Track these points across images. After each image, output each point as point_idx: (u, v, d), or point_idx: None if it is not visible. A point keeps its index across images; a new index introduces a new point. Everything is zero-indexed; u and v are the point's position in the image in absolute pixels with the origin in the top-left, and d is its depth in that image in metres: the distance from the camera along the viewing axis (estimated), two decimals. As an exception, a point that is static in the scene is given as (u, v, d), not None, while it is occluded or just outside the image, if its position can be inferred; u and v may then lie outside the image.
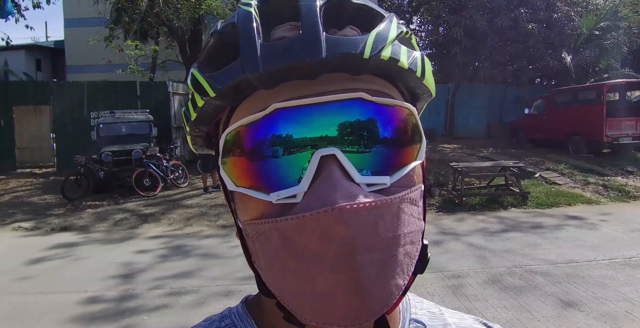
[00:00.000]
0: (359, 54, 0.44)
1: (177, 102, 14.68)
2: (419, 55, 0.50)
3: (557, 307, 4.51)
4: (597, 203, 9.53)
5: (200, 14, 16.23)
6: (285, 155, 0.44)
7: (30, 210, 9.79)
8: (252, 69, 0.44)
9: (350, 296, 0.40)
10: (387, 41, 0.46)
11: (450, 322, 0.62)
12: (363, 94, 0.44)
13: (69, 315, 4.65)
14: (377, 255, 0.41)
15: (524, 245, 6.65)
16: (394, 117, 0.46)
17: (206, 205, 9.80)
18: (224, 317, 0.60)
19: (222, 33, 0.50)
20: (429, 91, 0.54)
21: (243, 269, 5.93)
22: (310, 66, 0.43)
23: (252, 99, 0.47)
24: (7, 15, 14.73)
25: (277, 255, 0.44)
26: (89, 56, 22.65)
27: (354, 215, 0.40)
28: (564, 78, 17.60)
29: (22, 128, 14.34)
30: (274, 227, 0.43)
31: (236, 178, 0.47)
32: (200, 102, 0.49)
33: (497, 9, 16.43)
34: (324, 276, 0.41)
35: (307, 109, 0.44)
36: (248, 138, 0.45)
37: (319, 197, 0.41)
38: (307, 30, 0.44)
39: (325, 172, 0.43)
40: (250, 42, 0.45)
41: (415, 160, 0.48)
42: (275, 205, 0.44)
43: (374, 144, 0.45)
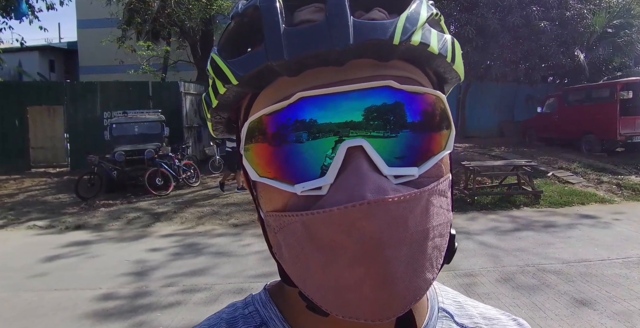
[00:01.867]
0: (388, 40, 0.42)
1: (189, 102, 14.77)
2: (450, 38, 0.48)
3: (570, 306, 4.48)
4: (611, 202, 9.43)
5: (212, 14, 16.34)
6: (309, 145, 0.43)
7: (44, 209, 9.90)
8: (276, 57, 0.42)
9: (377, 290, 0.40)
10: (418, 24, 0.44)
11: (475, 313, 0.62)
12: (392, 82, 0.43)
13: (83, 312, 4.71)
14: (405, 250, 0.40)
15: (536, 244, 6.61)
16: (423, 105, 0.44)
17: (218, 204, 9.85)
18: (247, 303, 0.59)
19: (243, 16, 0.48)
20: (458, 75, 0.52)
21: (255, 267, 5.96)
22: (337, 53, 0.41)
23: (275, 86, 0.45)
24: (22, 17, 14.95)
25: (301, 248, 0.43)
26: (102, 56, 22.86)
27: (383, 210, 0.39)
28: (577, 76, 17.44)
29: (36, 128, 14.54)
30: (299, 220, 0.42)
31: (259, 167, 0.46)
32: (222, 90, 0.47)
33: (509, 7, 16.30)
34: (350, 270, 0.40)
35: (334, 97, 0.42)
36: (271, 126, 0.44)
37: (347, 190, 0.40)
38: (333, 15, 0.42)
39: (352, 164, 0.41)
40: (274, 28, 0.43)
41: (443, 150, 0.46)
42: (300, 197, 0.43)
43: (401, 133, 0.43)
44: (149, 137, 12.03)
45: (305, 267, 0.43)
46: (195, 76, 18.44)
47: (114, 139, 11.87)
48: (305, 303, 0.46)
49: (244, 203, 9.80)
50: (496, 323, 0.62)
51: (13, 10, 14.54)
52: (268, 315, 0.56)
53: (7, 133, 14.22)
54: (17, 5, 14.59)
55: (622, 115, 13.15)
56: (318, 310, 0.45)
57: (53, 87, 15.36)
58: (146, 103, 14.36)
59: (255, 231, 7.94)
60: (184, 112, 14.36)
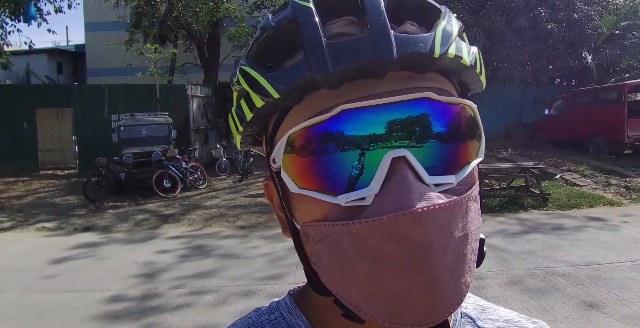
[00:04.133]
0: (429, 53, 0.43)
1: (196, 105, 14.82)
2: (476, 50, 0.49)
3: (579, 309, 4.47)
4: (619, 204, 9.39)
5: (219, 17, 16.40)
6: (351, 156, 0.43)
7: (53, 211, 9.97)
8: (320, 70, 0.42)
9: (426, 296, 0.40)
10: (452, 38, 0.45)
11: (497, 316, 0.62)
12: (431, 93, 0.44)
13: (93, 313, 4.73)
14: (450, 255, 0.41)
15: (545, 247, 6.58)
16: (458, 115, 0.46)
17: (225, 206, 9.88)
18: (272, 309, 0.59)
19: (277, 29, 0.47)
20: (481, 84, 0.54)
21: (262, 269, 5.97)
22: (380, 65, 0.42)
23: (313, 98, 0.45)
24: (30, 20, 15.05)
25: (346, 258, 0.43)
26: (109, 59, 22.97)
27: (431, 217, 0.40)
28: (584, 78, 17.37)
29: (45, 130, 14.61)
30: (345, 230, 0.42)
31: (298, 179, 0.46)
32: (260, 103, 0.47)
33: (516, 9, 16.29)
34: (398, 278, 0.41)
35: (374, 109, 0.43)
36: (311, 138, 0.44)
37: (394, 200, 0.41)
38: (375, 29, 0.43)
39: (397, 174, 0.42)
40: (316, 40, 0.43)
41: (476, 157, 0.47)
42: (341, 208, 0.44)
43: (439, 143, 0.45)
44: (157, 139, 12.10)
45: (350, 276, 0.43)
46: (202, 78, 18.50)
47: (121, 142, 11.93)
48: (342, 311, 0.46)
49: (251, 205, 9.82)
50: (517, 326, 0.62)
51: (22, 13, 14.65)
52: (294, 321, 0.56)
53: (15, 135, 14.33)
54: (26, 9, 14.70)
55: (630, 117, 13.08)
56: (355, 318, 0.45)
57: (61, 89, 15.47)
58: (153, 106, 14.43)
59: (263, 234, 7.96)
60: (191, 114, 14.41)
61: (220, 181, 12.66)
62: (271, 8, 16.65)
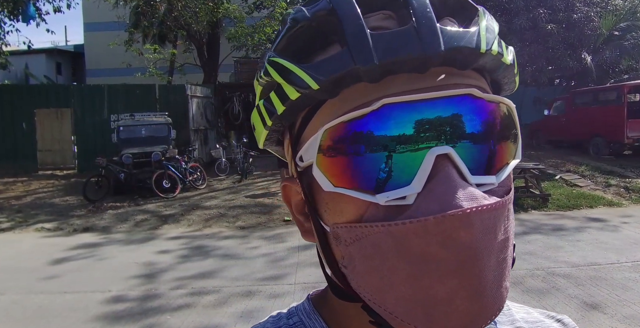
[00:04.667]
0: (476, 48, 0.42)
1: (195, 105, 14.81)
2: (513, 50, 0.49)
3: (580, 310, 4.47)
4: (619, 205, 9.39)
5: (218, 17, 16.38)
6: (391, 153, 0.41)
7: (52, 211, 9.95)
8: (365, 61, 0.40)
9: (470, 301, 0.39)
10: (495, 35, 0.45)
11: (518, 317, 0.61)
12: (475, 90, 0.42)
13: (94, 314, 4.73)
14: (494, 258, 0.40)
15: (545, 248, 6.59)
16: (498, 114, 0.45)
17: (225, 206, 9.87)
18: (291, 314, 0.58)
19: (312, 20, 0.45)
20: (515, 85, 0.53)
21: (262, 270, 5.97)
22: (425, 59, 0.40)
23: (350, 92, 0.43)
24: (29, 20, 15.05)
25: (384, 260, 0.41)
26: (108, 59, 22.96)
27: (479, 218, 0.38)
28: (584, 79, 17.39)
29: (44, 130, 14.59)
30: (385, 231, 0.40)
31: (333, 177, 0.43)
32: (294, 95, 0.45)
33: (516, 9, 16.31)
34: (442, 281, 0.39)
35: (417, 104, 0.41)
36: (350, 134, 0.42)
37: (439, 199, 0.39)
38: (421, 21, 0.41)
39: (441, 172, 0.40)
40: (360, 31, 0.42)
41: (514, 158, 0.46)
42: (380, 207, 0.42)
43: (481, 142, 0.43)
44: (156, 139, 12.09)
45: (385, 280, 0.41)
46: (202, 78, 18.49)
47: (121, 142, 11.93)
48: (371, 318, 0.44)
49: (251, 206, 9.82)
50: (538, 326, 0.61)
51: (20, 13, 14.64)
52: (313, 326, 0.55)
53: (15, 135, 14.30)
54: (25, 8, 14.69)
55: (630, 118, 13.10)
56: (385, 326, 0.43)
57: (61, 90, 15.43)
58: (153, 106, 14.42)
59: (263, 234, 7.96)
60: (191, 115, 14.39)
61: (220, 182, 12.66)
62: (271, 8, 16.65)
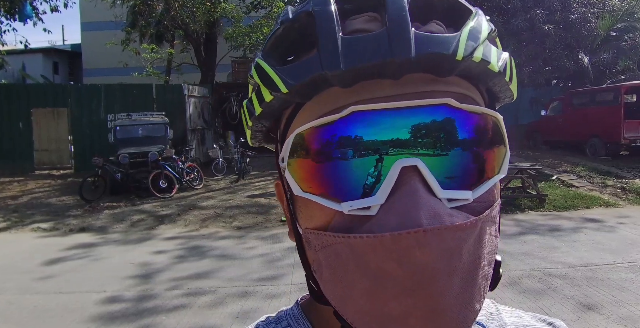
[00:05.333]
0: (451, 54, 0.40)
1: (193, 105, 14.79)
2: (508, 56, 0.46)
3: (576, 310, 4.47)
4: (615, 205, 9.41)
5: (216, 17, 16.37)
6: (359, 161, 0.40)
7: (48, 211, 9.92)
8: (332, 66, 0.39)
9: (424, 322, 0.37)
10: (480, 40, 0.42)
11: (508, 322, 0.60)
12: (451, 100, 0.40)
13: (89, 315, 4.71)
14: (457, 280, 0.38)
15: (541, 248, 6.59)
16: (479, 126, 0.42)
17: (221, 206, 9.86)
18: (279, 318, 0.58)
19: (294, 21, 0.45)
20: (512, 94, 0.50)
21: (259, 270, 5.96)
22: (396, 65, 0.39)
23: (324, 96, 0.43)
24: (26, 19, 15.02)
25: (345, 271, 0.40)
26: (106, 59, 22.94)
27: (438, 239, 0.36)
28: (581, 79, 17.43)
29: (41, 130, 14.55)
30: (345, 242, 0.40)
31: (303, 181, 0.43)
32: (269, 97, 0.45)
33: (513, 10, 16.32)
34: (397, 299, 0.38)
35: (388, 112, 0.40)
36: (320, 140, 0.41)
37: (400, 214, 0.38)
38: (394, 25, 0.40)
39: (406, 185, 0.39)
40: (331, 36, 0.41)
41: (498, 173, 0.43)
42: (345, 216, 0.41)
43: (457, 155, 0.41)
44: (153, 139, 12.06)
45: (347, 291, 0.41)
46: (199, 78, 18.47)
47: (118, 142, 11.90)
48: (341, 323, 0.44)
49: (247, 206, 9.80)
50: None
51: (17, 12, 14.60)
52: None
53: (11, 135, 14.26)
54: (22, 8, 14.66)
55: (627, 118, 13.14)
56: None
57: (57, 89, 15.39)
58: (150, 106, 14.40)
59: (259, 234, 7.95)
60: (188, 114, 14.37)
61: (217, 182, 12.64)
62: (268, 8, 16.64)
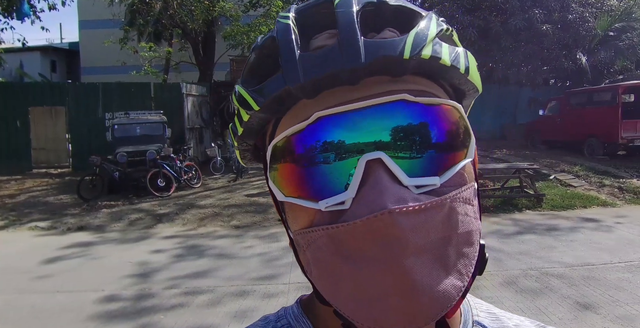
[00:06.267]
0: (399, 55, 0.43)
1: (191, 104, 14.78)
2: (462, 51, 0.49)
3: (573, 310, 4.48)
4: (613, 205, 9.43)
5: (214, 16, 16.33)
6: (331, 162, 0.44)
7: (46, 210, 9.91)
8: (293, 80, 0.44)
9: (403, 299, 0.40)
10: (427, 39, 0.45)
11: (510, 325, 0.61)
12: (406, 95, 0.44)
13: (87, 314, 4.71)
14: (428, 257, 0.41)
15: (539, 248, 6.61)
16: (441, 116, 0.46)
17: (219, 205, 9.86)
18: (279, 317, 0.59)
19: (262, 47, 0.50)
20: (474, 86, 0.53)
21: (257, 269, 5.96)
22: (350, 72, 0.43)
23: (296, 109, 0.47)
24: (24, 17, 14.96)
25: (329, 262, 0.44)
26: (104, 57, 22.92)
27: (404, 218, 0.40)
28: (579, 79, 17.47)
29: (38, 128, 14.51)
30: (325, 234, 0.43)
31: (284, 188, 0.47)
32: (246, 117, 0.50)
33: (512, 9, 16.35)
34: (376, 280, 0.40)
35: (350, 114, 0.43)
36: (293, 147, 0.45)
37: (368, 203, 0.41)
38: (344, 37, 0.44)
39: (371, 177, 0.42)
40: (289, 54, 0.45)
41: (465, 158, 0.46)
42: (324, 213, 0.44)
43: (421, 145, 0.44)
44: (151, 138, 12.04)
45: (334, 281, 0.44)
46: (197, 77, 18.45)
47: (116, 141, 11.89)
48: (341, 321, 0.46)
49: (246, 205, 9.81)
50: None
51: (15, 10, 14.55)
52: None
53: (9, 133, 14.20)
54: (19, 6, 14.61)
55: (624, 118, 13.16)
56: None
57: (55, 88, 15.34)
58: (148, 104, 14.36)
59: (257, 233, 7.95)
60: (186, 113, 14.36)
61: (215, 181, 12.64)
62: (267, 7, 16.62)
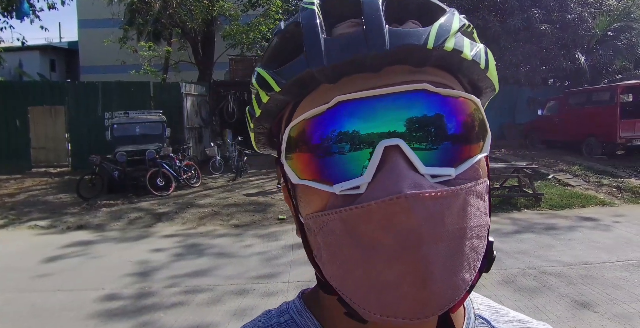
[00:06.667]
0: (423, 45, 0.44)
1: (190, 103, 14.79)
2: (483, 47, 0.50)
3: (571, 308, 4.51)
4: (611, 204, 9.46)
5: (213, 15, 16.31)
6: (348, 147, 0.44)
7: (45, 209, 9.92)
8: (317, 64, 0.44)
9: (416, 288, 0.39)
10: (450, 32, 0.46)
11: (509, 318, 0.63)
12: (427, 85, 0.44)
13: (88, 312, 4.73)
14: (443, 246, 0.40)
15: (537, 246, 6.63)
16: (459, 109, 0.46)
17: (219, 204, 9.87)
18: (282, 312, 0.59)
19: (285, 32, 0.50)
20: (492, 84, 0.53)
21: (256, 268, 5.98)
22: (373, 58, 0.43)
23: (315, 93, 0.47)
24: (23, 16, 14.95)
25: (340, 246, 0.43)
26: (103, 57, 22.88)
27: (421, 204, 0.39)
28: (577, 79, 17.49)
29: (38, 128, 14.51)
30: (338, 217, 0.43)
31: (300, 171, 0.47)
32: (265, 98, 0.50)
33: (510, 9, 16.37)
34: (389, 266, 0.40)
35: (370, 101, 0.44)
36: (311, 131, 0.46)
37: (384, 187, 0.41)
38: (370, 24, 0.44)
39: (389, 163, 0.42)
40: (315, 38, 0.45)
41: (480, 153, 0.47)
42: (338, 197, 0.44)
43: (438, 136, 0.44)
44: (150, 137, 12.06)
45: (344, 266, 0.43)
46: (197, 76, 18.44)
47: (115, 140, 11.90)
48: (345, 309, 0.46)
49: (245, 204, 9.82)
50: (530, 326, 0.63)
51: (14, 9, 14.54)
52: (305, 323, 0.56)
53: (8, 132, 14.20)
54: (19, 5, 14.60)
55: (623, 118, 13.18)
56: (357, 317, 0.45)
57: (55, 87, 15.33)
58: (147, 104, 14.35)
59: (257, 232, 7.97)
60: (185, 113, 14.36)
61: (214, 180, 12.65)
62: (266, 6, 16.63)
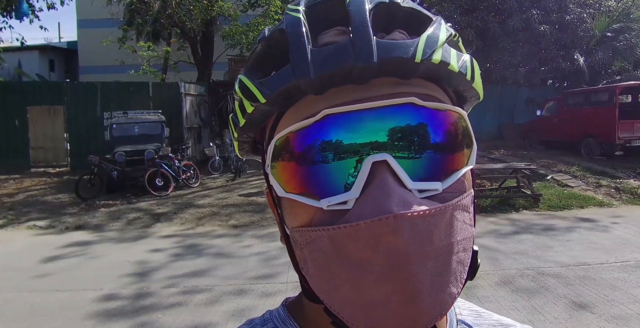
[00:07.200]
0: (411, 58, 0.43)
1: (189, 103, 14.79)
2: (468, 58, 0.49)
3: (568, 309, 4.51)
4: (609, 205, 9.47)
5: (212, 15, 16.32)
6: (335, 161, 0.43)
7: (44, 209, 9.91)
8: (303, 75, 0.43)
9: (404, 306, 0.39)
10: (438, 44, 0.45)
11: (492, 321, 0.63)
12: (414, 99, 0.43)
13: (86, 313, 4.73)
14: (431, 264, 0.40)
15: (535, 247, 6.64)
16: (445, 122, 0.45)
17: (217, 205, 9.88)
18: (265, 320, 0.59)
19: (270, 39, 0.50)
20: (477, 94, 0.53)
21: (255, 268, 5.99)
22: (361, 71, 0.43)
23: (301, 105, 0.46)
24: (22, 16, 14.96)
25: (328, 263, 0.43)
26: (102, 56, 22.85)
27: (409, 224, 0.39)
28: (576, 80, 17.49)
29: (37, 128, 14.52)
30: (326, 235, 0.42)
31: (285, 183, 0.46)
32: (250, 109, 0.49)
33: (509, 10, 16.39)
34: (377, 285, 0.40)
35: (358, 114, 0.43)
36: (298, 143, 0.45)
37: (372, 204, 0.40)
38: (357, 35, 0.44)
39: (377, 178, 0.42)
40: (300, 48, 0.45)
41: (466, 165, 0.47)
42: (325, 212, 0.44)
43: (425, 150, 0.44)
44: (149, 137, 12.06)
45: (331, 282, 0.43)
46: (196, 76, 18.45)
47: (114, 140, 11.91)
48: (331, 319, 0.46)
49: (244, 204, 9.82)
50: None
51: (14, 9, 14.54)
52: None
53: (7, 132, 14.20)
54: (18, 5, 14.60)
55: (621, 119, 13.19)
56: (343, 327, 0.45)
57: (53, 87, 15.36)
58: (146, 104, 14.36)
59: (255, 233, 7.97)
60: (184, 113, 14.37)
61: (213, 180, 12.65)
62: (265, 6, 16.63)
